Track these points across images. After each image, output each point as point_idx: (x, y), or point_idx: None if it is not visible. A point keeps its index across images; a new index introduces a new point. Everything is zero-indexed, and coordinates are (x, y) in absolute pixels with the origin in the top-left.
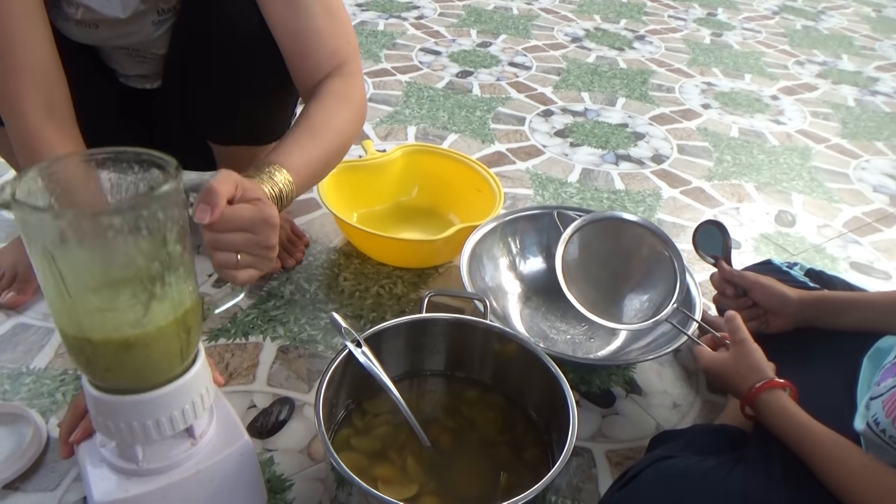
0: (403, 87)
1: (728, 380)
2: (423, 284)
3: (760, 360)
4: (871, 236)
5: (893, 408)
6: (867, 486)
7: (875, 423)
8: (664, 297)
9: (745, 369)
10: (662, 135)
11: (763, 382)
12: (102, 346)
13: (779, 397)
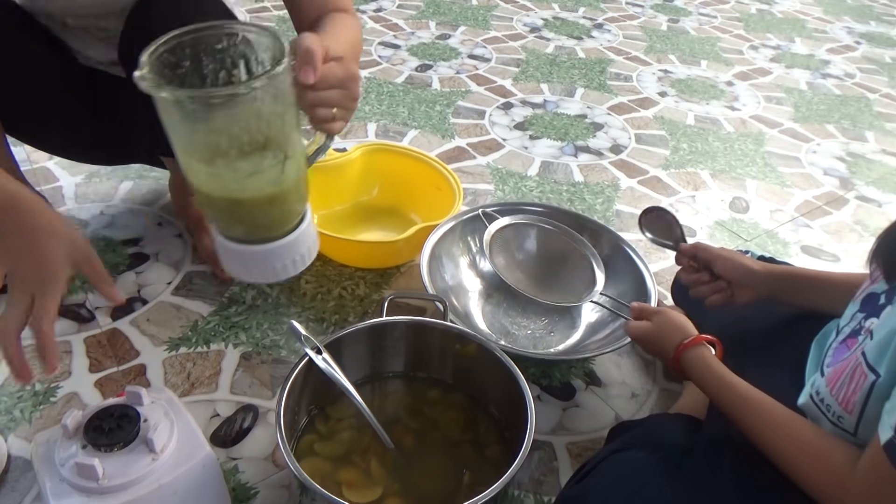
0: (363, 83)
1: (655, 344)
2: (385, 284)
3: (683, 321)
4: (821, 219)
5: (839, 385)
6: (786, 437)
7: (816, 394)
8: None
9: (669, 331)
10: (620, 125)
11: (688, 340)
12: (249, 204)
13: (703, 354)
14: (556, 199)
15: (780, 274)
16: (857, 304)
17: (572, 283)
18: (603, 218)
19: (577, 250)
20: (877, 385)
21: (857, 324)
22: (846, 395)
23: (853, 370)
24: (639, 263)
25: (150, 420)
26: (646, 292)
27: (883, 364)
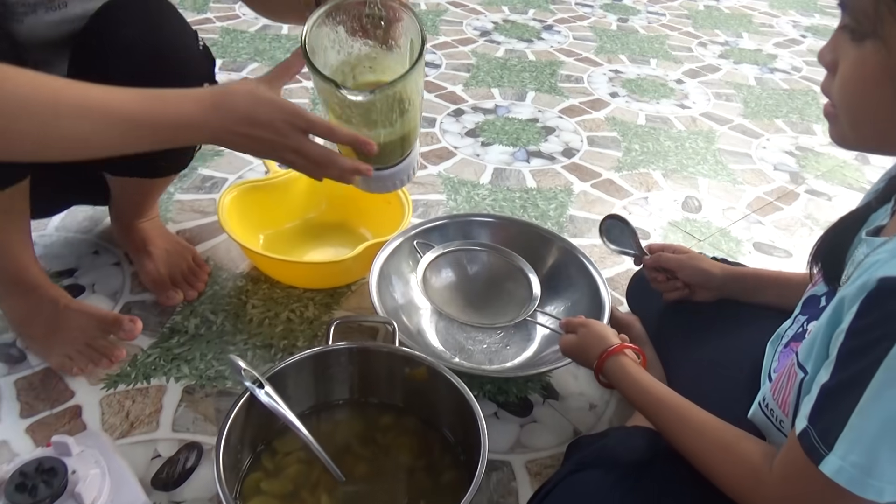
0: (309, 93)
1: (581, 356)
2: (335, 305)
3: (604, 332)
4: (772, 215)
5: (779, 388)
6: (708, 443)
7: (763, 401)
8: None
9: (592, 341)
10: (572, 127)
11: (609, 349)
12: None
13: (622, 362)
14: (508, 208)
15: (737, 275)
16: (800, 307)
17: (513, 302)
18: (557, 224)
19: (516, 268)
20: (804, 382)
21: (800, 327)
22: (784, 398)
23: (789, 372)
24: (592, 271)
25: (78, 471)
26: (599, 300)
27: (810, 361)
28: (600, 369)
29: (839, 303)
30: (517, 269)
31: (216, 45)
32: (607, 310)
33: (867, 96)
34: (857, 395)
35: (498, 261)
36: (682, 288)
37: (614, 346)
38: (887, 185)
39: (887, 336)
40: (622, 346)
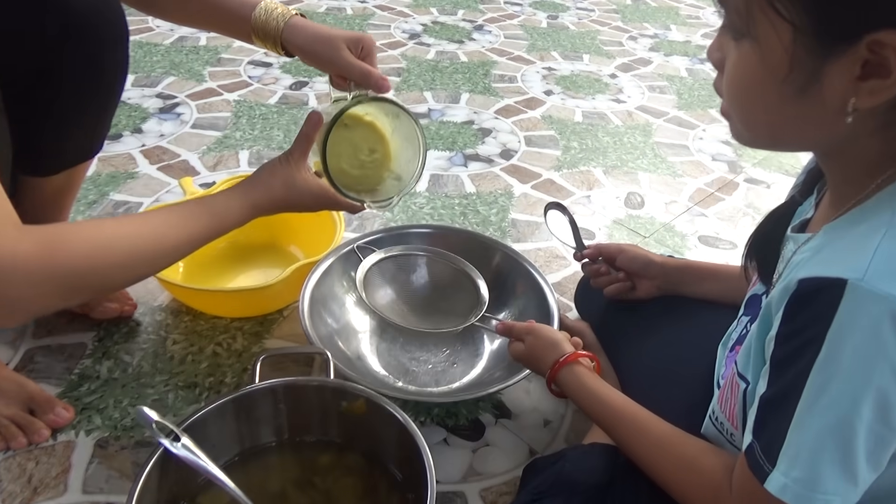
0: (232, 106)
1: (532, 366)
2: (266, 333)
3: (554, 338)
4: (714, 207)
5: (724, 399)
6: (668, 458)
7: (713, 413)
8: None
9: (542, 350)
10: (509, 128)
11: (562, 358)
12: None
13: (578, 372)
14: (448, 216)
15: (678, 265)
16: (743, 307)
17: (460, 308)
18: (499, 230)
19: (461, 273)
20: (748, 393)
21: (744, 328)
22: (731, 410)
23: (731, 382)
24: (537, 278)
25: None
26: (547, 307)
27: (749, 370)
28: (553, 379)
29: (767, 307)
30: (463, 275)
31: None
32: (556, 318)
33: (752, 96)
34: (793, 406)
35: (443, 266)
36: (624, 280)
37: (567, 354)
38: (807, 178)
39: (814, 340)
40: (576, 354)
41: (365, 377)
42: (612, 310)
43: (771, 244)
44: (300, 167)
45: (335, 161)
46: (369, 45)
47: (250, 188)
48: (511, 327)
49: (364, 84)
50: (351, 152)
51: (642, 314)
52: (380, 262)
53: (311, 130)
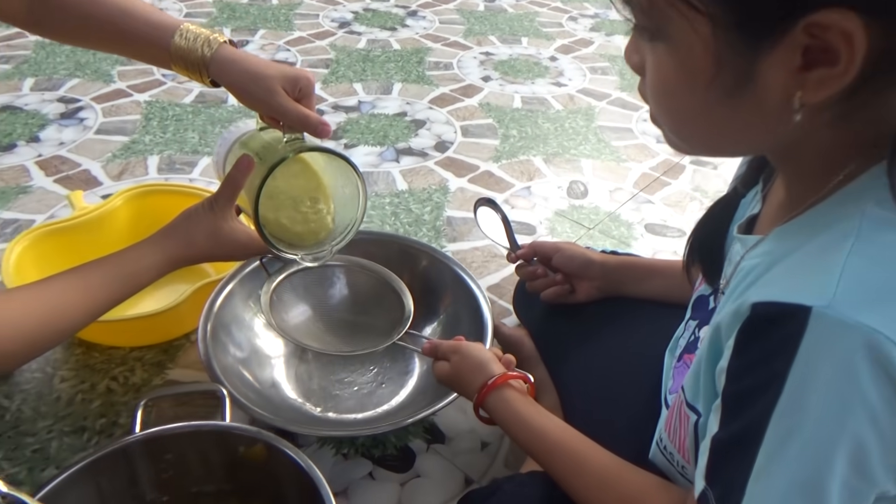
0: (142, 108)
1: (459, 388)
2: (170, 362)
3: (482, 358)
4: (661, 192)
5: (672, 428)
6: (608, 495)
7: (660, 439)
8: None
9: (468, 371)
10: (444, 118)
11: (490, 381)
12: None
13: (507, 397)
14: (378, 216)
15: (619, 263)
16: (690, 310)
17: (383, 324)
18: (433, 229)
19: (384, 284)
20: (699, 426)
21: (692, 334)
22: (681, 441)
23: (679, 410)
24: (469, 283)
25: None
26: (481, 317)
27: (700, 400)
28: (480, 405)
29: (716, 332)
30: (386, 286)
31: (28, 63)
32: (489, 328)
33: (677, 104)
34: (752, 454)
35: (364, 278)
36: (562, 282)
37: (495, 377)
38: (748, 168)
39: (773, 379)
40: (505, 376)
41: (277, 410)
42: (550, 315)
43: (715, 243)
44: (226, 215)
45: (272, 215)
46: (307, 85)
47: (167, 241)
48: (436, 347)
49: (302, 129)
50: (291, 205)
51: (582, 319)
52: (290, 276)
53: (240, 177)
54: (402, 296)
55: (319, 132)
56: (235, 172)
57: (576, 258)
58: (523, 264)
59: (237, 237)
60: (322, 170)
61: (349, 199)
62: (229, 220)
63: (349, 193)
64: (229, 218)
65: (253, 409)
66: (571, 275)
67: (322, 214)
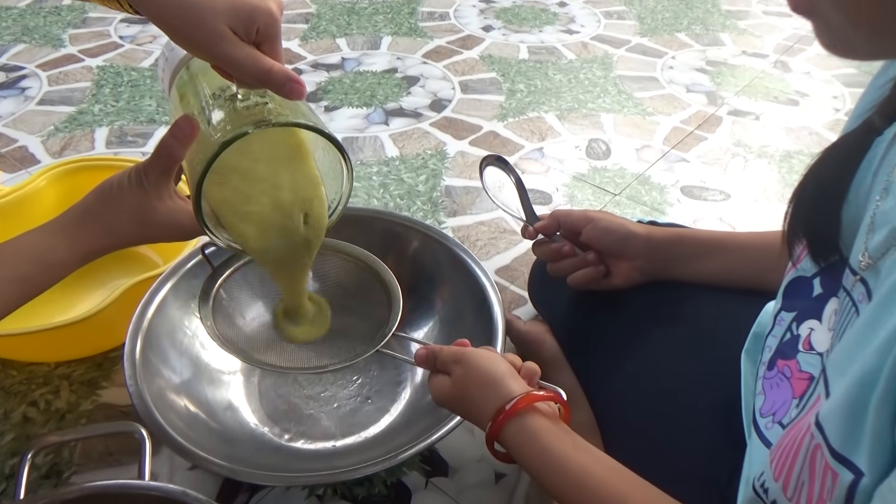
0: (94, 74)
1: (464, 411)
2: (104, 380)
3: (495, 370)
4: (696, 149)
5: (780, 461)
6: None
7: (762, 489)
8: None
9: (477, 390)
10: (440, 73)
11: (509, 405)
12: None
13: (534, 427)
14: (364, 189)
15: (669, 236)
16: (781, 299)
17: (364, 325)
18: (429, 201)
19: (365, 273)
20: (860, 490)
21: (786, 330)
22: (810, 497)
23: (808, 453)
24: (474, 269)
25: None
26: (488, 311)
27: (863, 451)
28: (496, 437)
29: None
30: (367, 276)
31: None
32: (500, 325)
33: None
34: None
35: (339, 265)
36: (595, 262)
37: (515, 398)
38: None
39: None
40: (530, 397)
41: (232, 443)
42: (579, 305)
43: (832, 202)
44: (161, 193)
45: (225, 206)
46: (270, 24)
47: (79, 230)
48: (432, 354)
49: (261, 87)
50: (248, 192)
51: (621, 310)
52: (241, 267)
53: (177, 147)
54: (389, 288)
55: (287, 91)
56: (172, 142)
57: (613, 231)
58: (543, 240)
59: (177, 219)
60: (291, 146)
61: (332, 193)
62: (165, 199)
63: (333, 185)
64: (165, 196)
65: (192, 452)
66: (607, 252)
67: (295, 208)
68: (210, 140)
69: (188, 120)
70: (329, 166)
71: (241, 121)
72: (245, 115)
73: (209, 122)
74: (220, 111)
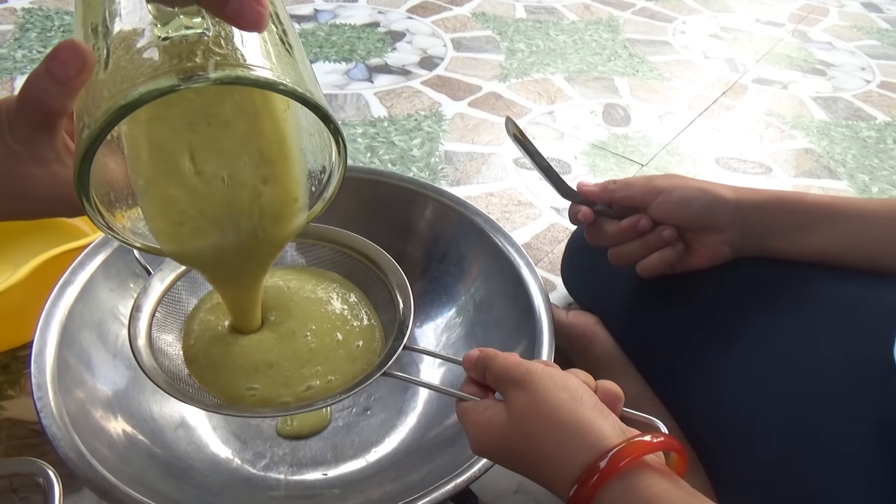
0: (18, 17)
1: (521, 465)
2: (10, 387)
3: (574, 402)
4: (724, 116)
5: None
6: None
7: None
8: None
9: (549, 433)
10: (429, 29)
11: (605, 461)
12: None
13: (647, 492)
14: (350, 151)
15: (769, 201)
16: None
17: (356, 341)
18: (427, 168)
19: (358, 265)
20: None
21: None
22: None
23: None
24: (502, 245)
25: None
26: (528, 303)
27: None
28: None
29: None
30: (364, 272)
31: None
32: (545, 319)
33: None
34: None
35: (323, 258)
36: (672, 240)
37: (616, 448)
38: None
39: None
40: (637, 446)
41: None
42: (641, 288)
43: None
44: (38, 152)
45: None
46: None
47: None
48: (480, 361)
49: (217, 15)
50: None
51: (707, 296)
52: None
53: (55, 93)
54: (391, 282)
55: (241, 20)
56: (47, 84)
57: (693, 199)
58: (601, 221)
59: (63, 192)
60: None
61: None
62: (47, 163)
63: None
64: (45, 157)
65: (126, 495)
66: (686, 227)
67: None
68: (103, 93)
69: (76, 51)
70: (308, 135)
71: (156, 69)
72: (168, 56)
73: (106, 62)
74: (125, 47)
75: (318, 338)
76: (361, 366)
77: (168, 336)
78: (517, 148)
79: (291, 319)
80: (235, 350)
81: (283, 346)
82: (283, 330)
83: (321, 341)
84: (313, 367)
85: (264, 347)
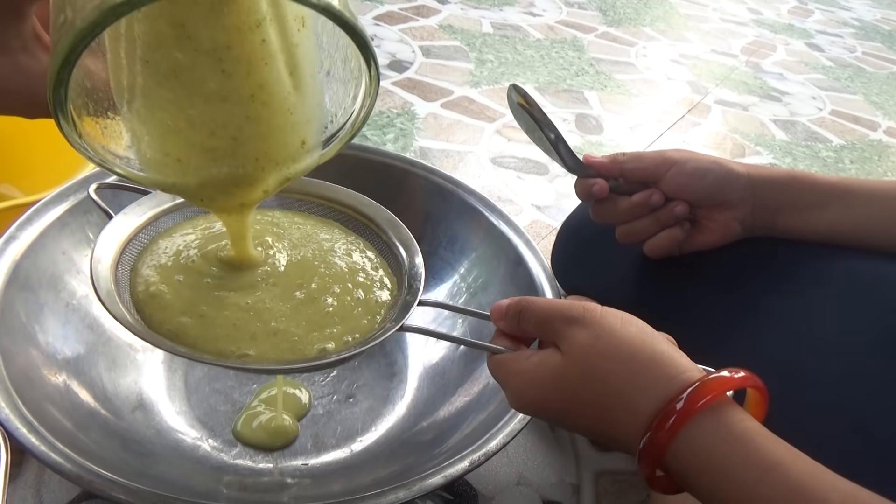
0: None
1: (583, 412)
2: None
3: (643, 335)
4: (692, 132)
5: None
6: None
7: None
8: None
9: (620, 369)
10: (397, 36)
11: (687, 391)
12: None
13: (740, 427)
14: None
15: (781, 178)
16: None
17: (353, 298)
18: None
19: (361, 227)
20: None
21: None
22: None
23: None
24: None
25: None
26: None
27: None
28: (665, 449)
29: None
30: (362, 229)
31: None
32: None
33: None
34: None
35: (318, 223)
36: (683, 216)
37: (697, 381)
38: None
39: None
40: (721, 379)
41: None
42: (644, 268)
43: None
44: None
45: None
46: None
47: None
48: (517, 310)
49: None
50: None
51: (718, 277)
52: (160, 218)
53: None
54: (393, 237)
55: None
56: None
57: (707, 172)
58: (612, 197)
59: (30, 85)
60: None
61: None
62: (12, 51)
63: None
64: (10, 44)
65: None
66: (699, 201)
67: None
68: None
69: None
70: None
71: None
72: None
73: None
74: None
75: (334, 297)
76: (374, 324)
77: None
78: (518, 122)
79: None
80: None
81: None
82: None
83: (340, 300)
84: (328, 329)
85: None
